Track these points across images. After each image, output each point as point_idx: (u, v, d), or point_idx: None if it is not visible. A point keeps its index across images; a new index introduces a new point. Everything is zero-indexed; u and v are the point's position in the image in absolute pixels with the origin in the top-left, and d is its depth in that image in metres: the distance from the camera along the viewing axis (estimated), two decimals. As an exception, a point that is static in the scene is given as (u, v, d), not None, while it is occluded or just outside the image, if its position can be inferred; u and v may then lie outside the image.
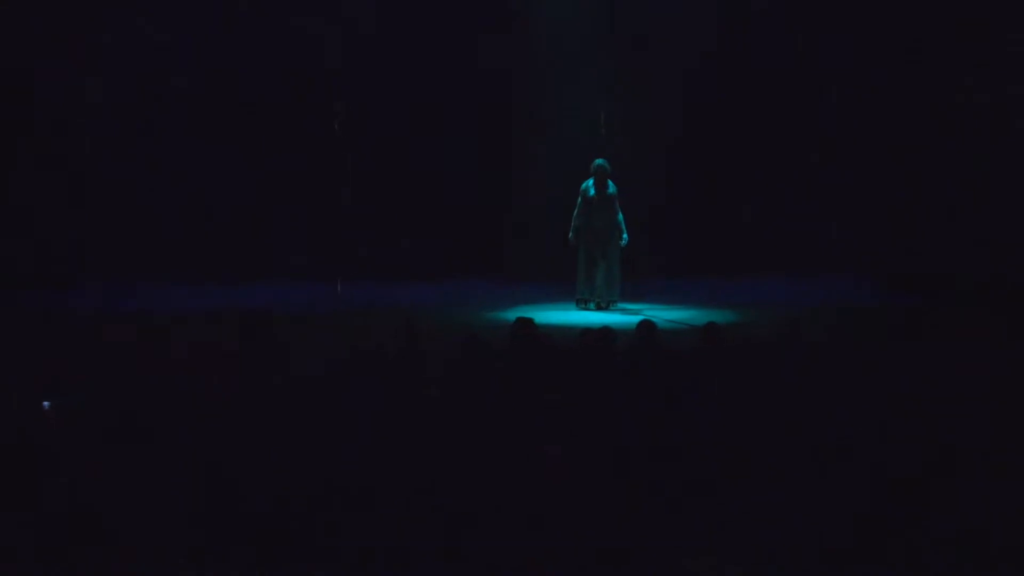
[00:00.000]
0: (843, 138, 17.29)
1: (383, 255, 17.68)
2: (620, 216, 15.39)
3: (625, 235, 15.38)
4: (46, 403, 7.84)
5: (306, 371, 8.83)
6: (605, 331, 9.21)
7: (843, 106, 17.23)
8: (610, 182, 15.43)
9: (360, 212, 17.52)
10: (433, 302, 15.63)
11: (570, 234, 15.55)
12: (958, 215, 16.04)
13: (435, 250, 17.79)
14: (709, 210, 17.88)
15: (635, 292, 15.86)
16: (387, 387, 8.23)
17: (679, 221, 17.76)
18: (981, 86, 16.04)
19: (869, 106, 17.04)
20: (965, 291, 15.20)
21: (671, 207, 17.65)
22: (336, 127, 17.12)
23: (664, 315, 14.58)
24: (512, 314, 13.30)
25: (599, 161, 15.49)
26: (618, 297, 15.50)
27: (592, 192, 15.40)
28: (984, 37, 16.12)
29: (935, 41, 16.29)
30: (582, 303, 15.59)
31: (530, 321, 9.31)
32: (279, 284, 16.76)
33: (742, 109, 17.47)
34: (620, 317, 14.56)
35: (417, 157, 17.68)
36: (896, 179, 16.65)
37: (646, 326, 9.52)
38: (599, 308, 15.42)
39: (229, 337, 9.85)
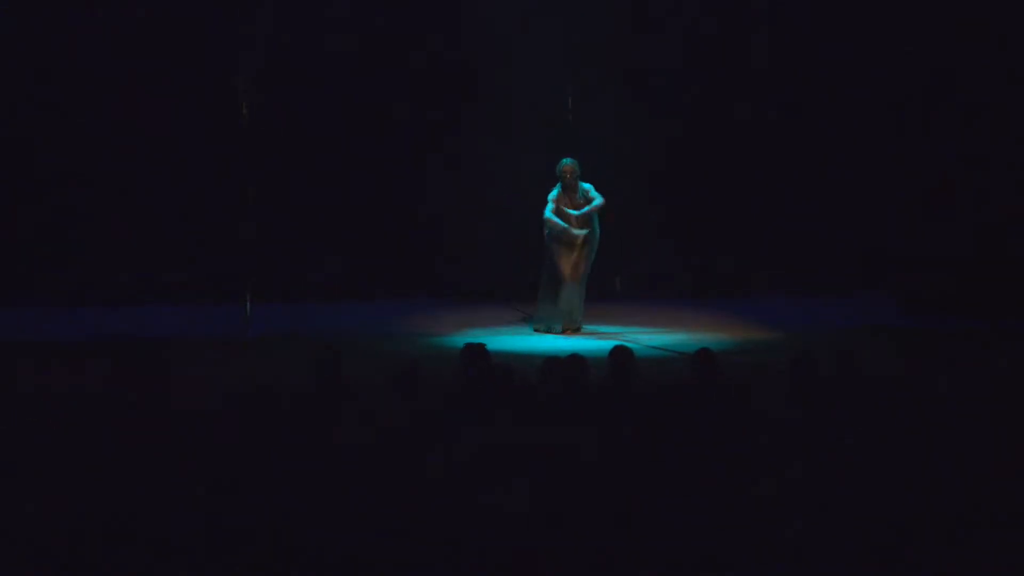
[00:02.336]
0: (843, 138, 16.86)
1: (301, 272, 16.36)
2: (598, 205, 13.69)
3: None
4: None
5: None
6: (574, 359, 8.42)
7: (843, 106, 16.85)
8: (582, 184, 13.66)
9: (274, 222, 16.17)
10: (358, 326, 14.17)
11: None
12: (959, 216, 15.81)
13: (361, 266, 16.45)
14: (705, 215, 16.91)
15: (614, 313, 14.52)
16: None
17: (671, 230, 16.66)
18: (981, 86, 15.98)
19: (869, 106, 16.67)
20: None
21: (661, 214, 16.53)
22: (244, 125, 15.71)
23: (647, 340, 13.14)
24: (457, 340, 12.45)
25: (567, 161, 13.65)
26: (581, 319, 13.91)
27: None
28: (984, 37, 15.96)
29: (935, 41, 16.13)
30: (542, 327, 13.79)
31: (482, 347, 8.60)
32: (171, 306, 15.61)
33: (742, 109, 16.92)
34: (593, 343, 12.97)
35: (342, 158, 16.43)
36: (896, 179, 16.40)
37: (621, 353, 8.70)
38: (565, 332, 13.65)
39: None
